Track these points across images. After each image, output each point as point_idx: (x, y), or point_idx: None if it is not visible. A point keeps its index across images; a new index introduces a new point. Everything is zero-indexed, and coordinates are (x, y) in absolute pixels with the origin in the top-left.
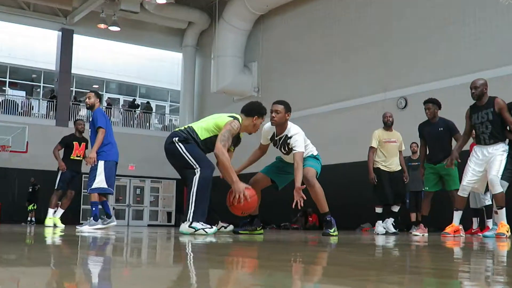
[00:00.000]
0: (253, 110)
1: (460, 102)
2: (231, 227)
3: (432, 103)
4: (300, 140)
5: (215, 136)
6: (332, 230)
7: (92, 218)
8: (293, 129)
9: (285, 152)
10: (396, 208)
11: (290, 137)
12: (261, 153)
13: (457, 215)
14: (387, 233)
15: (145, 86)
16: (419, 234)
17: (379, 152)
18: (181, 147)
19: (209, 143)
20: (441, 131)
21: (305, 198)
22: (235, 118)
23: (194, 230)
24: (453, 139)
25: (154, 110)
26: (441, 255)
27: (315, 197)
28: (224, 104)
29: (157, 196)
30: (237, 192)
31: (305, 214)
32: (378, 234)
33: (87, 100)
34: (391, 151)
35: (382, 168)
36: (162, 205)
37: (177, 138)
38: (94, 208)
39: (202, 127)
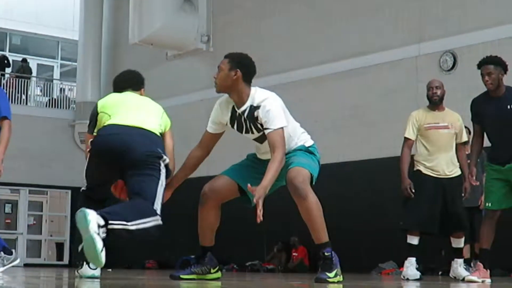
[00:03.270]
0: (141, 80)
1: None
2: None
3: (495, 65)
4: (275, 110)
5: None
6: (332, 274)
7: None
8: (260, 94)
9: (257, 136)
10: (458, 243)
11: (258, 107)
12: (201, 153)
13: None
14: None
15: (19, 33)
16: (477, 280)
17: (421, 146)
18: (161, 181)
19: None
20: (511, 110)
21: (260, 215)
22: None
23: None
24: None
25: (35, 72)
26: None
27: (308, 218)
28: (151, 64)
29: (39, 216)
30: None
31: (287, 247)
32: (408, 279)
33: None
34: (441, 144)
35: (425, 171)
36: (48, 232)
37: (165, 159)
38: None
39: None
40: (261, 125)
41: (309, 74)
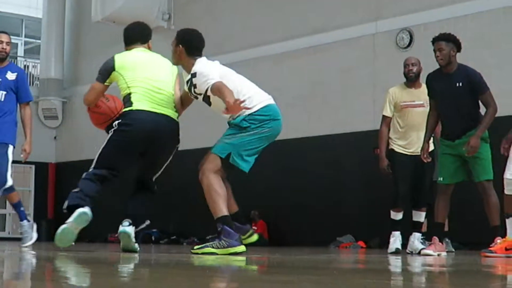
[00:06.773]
0: (149, 32)
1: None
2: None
3: (446, 41)
4: (202, 71)
5: None
6: (197, 247)
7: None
8: (196, 64)
9: (207, 101)
10: (419, 216)
11: (194, 74)
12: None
13: (510, 224)
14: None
15: None
16: (433, 253)
17: (395, 123)
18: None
19: None
20: (460, 88)
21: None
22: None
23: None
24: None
25: None
26: None
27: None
28: (114, 41)
29: None
30: None
31: (247, 221)
32: (392, 252)
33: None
34: (415, 122)
35: (398, 150)
36: (12, 206)
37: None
38: (22, 209)
39: None
40: (200, 93)
41: (268, 52)
